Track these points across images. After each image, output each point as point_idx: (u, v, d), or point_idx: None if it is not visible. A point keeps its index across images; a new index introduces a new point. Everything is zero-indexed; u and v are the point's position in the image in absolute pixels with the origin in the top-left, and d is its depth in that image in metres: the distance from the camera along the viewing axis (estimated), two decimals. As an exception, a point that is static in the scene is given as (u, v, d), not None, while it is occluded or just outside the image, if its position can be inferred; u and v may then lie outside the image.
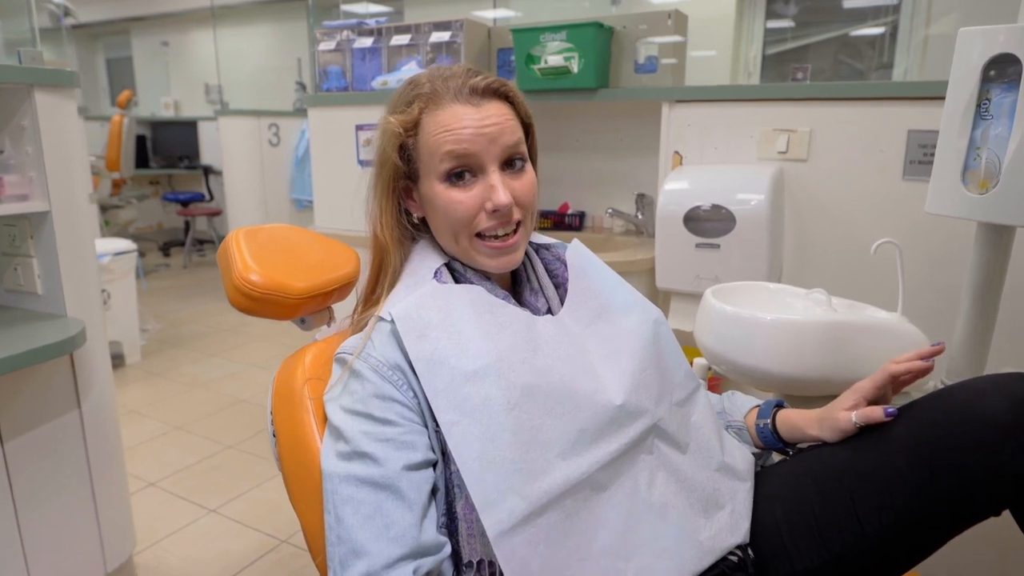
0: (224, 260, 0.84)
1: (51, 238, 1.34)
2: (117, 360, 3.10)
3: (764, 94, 1.66)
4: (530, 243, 0.87)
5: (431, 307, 0.73)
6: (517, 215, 0.76)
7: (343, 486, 0.66)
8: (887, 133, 1.53)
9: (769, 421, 0.86)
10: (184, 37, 6.14)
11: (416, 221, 0.82)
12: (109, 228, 4.74)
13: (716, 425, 0.84)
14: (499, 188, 0.73)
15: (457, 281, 0.79)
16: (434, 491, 0.70)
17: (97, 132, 5.00)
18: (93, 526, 1.48)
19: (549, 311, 0.83)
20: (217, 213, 5.28)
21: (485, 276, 0.80)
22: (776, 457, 0.91)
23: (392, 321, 0.72)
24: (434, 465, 0.70)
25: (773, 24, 3.99)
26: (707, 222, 1.56)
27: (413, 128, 0.76)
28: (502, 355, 0.70)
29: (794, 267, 1.68)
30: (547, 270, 0.86)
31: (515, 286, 0.85)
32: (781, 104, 1.63)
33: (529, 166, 0.79)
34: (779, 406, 0.88)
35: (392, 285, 0.78)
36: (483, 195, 0.75)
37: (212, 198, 5.50)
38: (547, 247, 0.89)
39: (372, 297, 0.80)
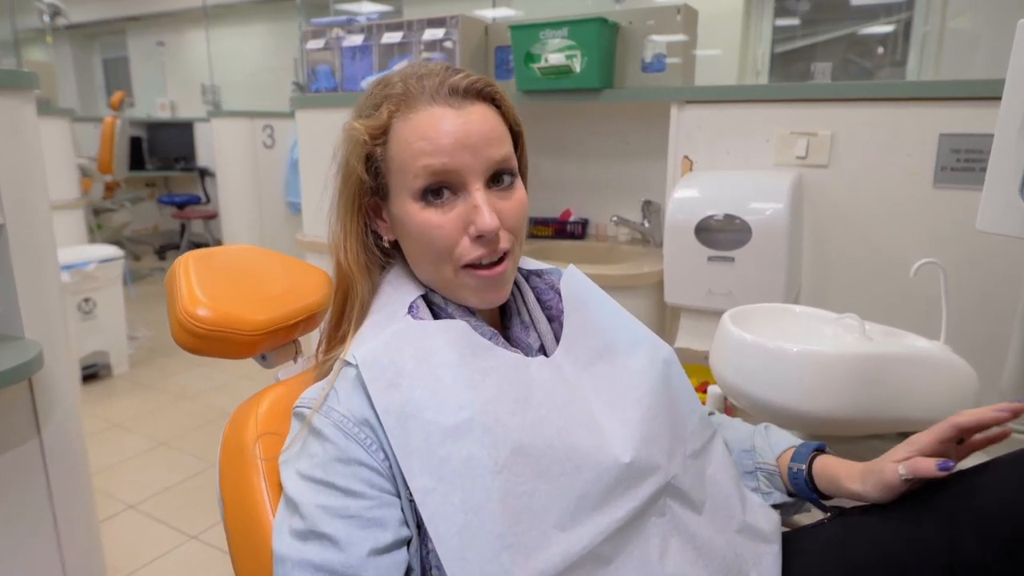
0: (170, 291, 0.72)
1: (5, 253, 1.23)
2: (104, 371, 2.99)
3: (782, 94, 1.54)
4: (520, 269, 0.75)
5: (404, 349, 0.61)
6: (504, 242, 0.65)
7: (296, 573, 0.55)
8: (916, 137, 1.41)
9: (804, 467, 0.73)
10: (180, 37, 6.03)
11: (387, 245, 0.70)
12: (102, 231, 4.64)
13: (735, 478, 0.72)
14: (483, 209, 0.62)
15: (436, 316, 0.67)
16: (408, 572, 0.58)
17: (91, 133, 4.90)
18: (56, 562, 1.37)
19: (542, 349, 0.71)
20: (213, 216, 5.18)
21: (469, 310, 0.68)
22: (813, 513, 0.79)
23: (357, 366, 0.61)
24: (408, 542, 0.59)
25: (781, 22, 3.87)
26: (720, 233, 1.44)
27: (382, 135, 0.64)
28: (487, 407, 0.58)
29: (814, 282, 1.56)
30: (539, 300, 0.74)
31: (503, 320, 0.73)
32: (800, 105, 1.51)
33: (519, 182, 0.67)
34: (819, 450, 0.76)
35: (360, 321, 0.67)
36: (465, 217, 0.63)
37: (208, 200, 5.40)
38: (539, 274, 0.77)
39: (337, 335, 0.69)
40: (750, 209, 1.40)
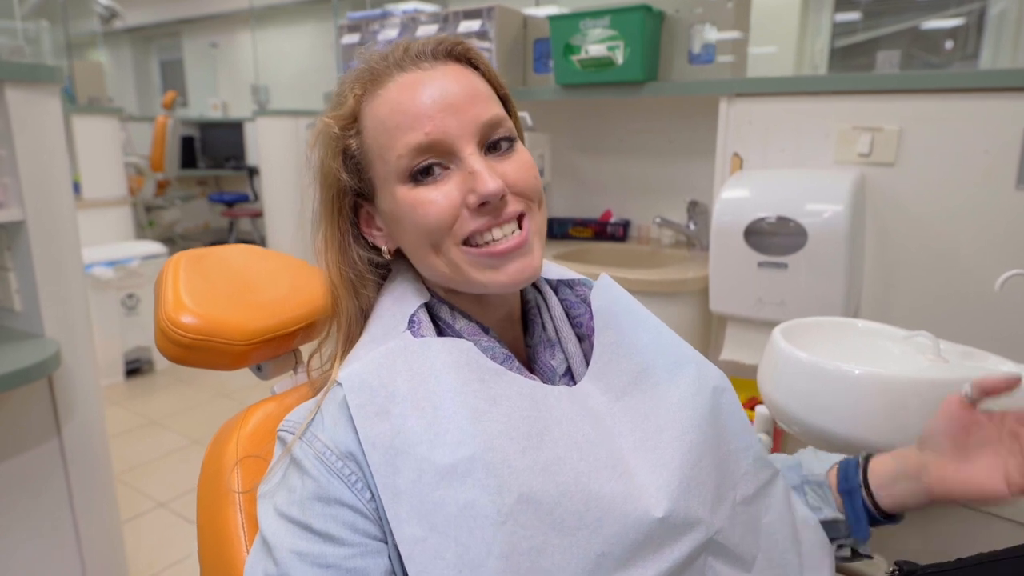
0: (156, 295, 0.66)
1: (26, 251, 1.21)
2: (146, 366, 3.03)
3: (843, 86, 1.41)
4: (547, 279, 0.66)
5: (398, 370, 0.53)
6: (515, 205, 0.55)
7: None
8: (997, 132, 1.27)
9: (864, 454, 0.66)
10: (233, 38, 6.14)
11: (387, 256, 0.62)
12: (153, 228, 4.75)
13: (793, 524, 0.62)
14: (483, 172, 0.53)
15: (441, 333, 0.59)
16: None
17: (147, 133, 5.02)
18: (76, 563, 1.35)
19: (569, 373, 0.62)
20: (260, 214, 5.24)
21: (481, 328, 0.59)
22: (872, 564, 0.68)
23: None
24: None
25: (842, 17, 3.67)
26: (772, 237, 1.33)
27: (353, 123, 0.57)
28: (493, 443, 0.49)
29: (877, 294, 1.42)
30: (568, 315, 0.65)
31: (525, 337, 0.64)
32: (863, 97, 1.38)
33: (520, 146, 0.58)
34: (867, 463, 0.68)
35: (348, 343, 0.59)
36: (462, 187, 0.54)
37: (256, 199, 5.47)
38: (569, 284, 0.67)
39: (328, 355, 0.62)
40: (806, 211, 1.29)
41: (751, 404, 1.46)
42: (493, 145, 0.56)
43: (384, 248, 0.61)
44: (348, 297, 0.59)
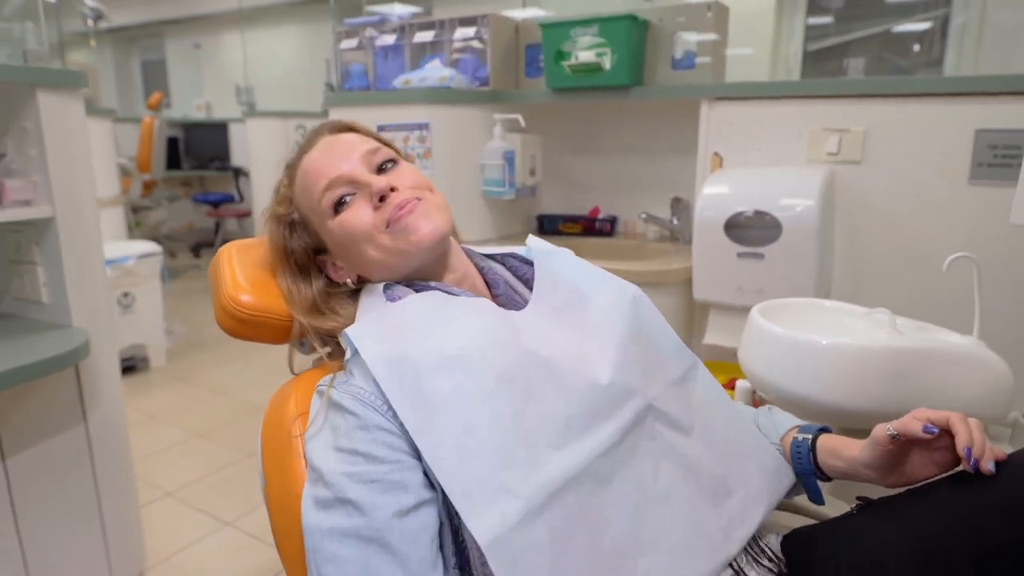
0: (214, 278, 0.75)
1: (55, 245, 1.28)
2: (142, 363, 3.08)
3: (814, 90, 1.53)
4: (492, 256, 0.83)
5: (386, 315, 0.68)
6: (407, 194, 0.73)
7: (326, 542, 0.58)
8: (951, 133, 1.40)
9: (809, 438, 0.76)
10: (216, 39, 6.16)
11: (353, 286, 0.78)
12: (139, 229, 4.76)
13: (724, 403, 0.77)
14: (371, 179, 0.72)
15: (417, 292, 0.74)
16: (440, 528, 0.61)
17: (131, 134, 5.03)
18: (100, 544, 1.43)
19: None
20: (247, 214, 5.28)
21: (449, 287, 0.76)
22: (839, 506, 0.79)
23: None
24: (432, 504, 0.61)
25: (814, 20, 3.82)
26: (750, 229, 1.44)
27: (290, 203, 0.77)
28: (471, 342, 0.64)
29: (845, 280, 1.55)
30: (518, 278, 0.81)
31: (491, 291, 0.80)
32: (832, 101, 1.50)
33: (404, 163, 0.78)
34: (824, 430, 0.79)
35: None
36: (368, 200, 0.73)
37: (242, 199, 5.50)
38: (512, 254, 0.84)
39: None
40: (780, 205, 1.40)
41: (731, 384, 1.58)
42: (380, 168, 0.76)
43: (351, 281, 0.77)
44: (328, 312, 0.76)
